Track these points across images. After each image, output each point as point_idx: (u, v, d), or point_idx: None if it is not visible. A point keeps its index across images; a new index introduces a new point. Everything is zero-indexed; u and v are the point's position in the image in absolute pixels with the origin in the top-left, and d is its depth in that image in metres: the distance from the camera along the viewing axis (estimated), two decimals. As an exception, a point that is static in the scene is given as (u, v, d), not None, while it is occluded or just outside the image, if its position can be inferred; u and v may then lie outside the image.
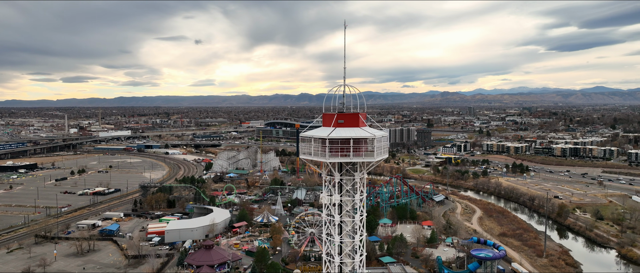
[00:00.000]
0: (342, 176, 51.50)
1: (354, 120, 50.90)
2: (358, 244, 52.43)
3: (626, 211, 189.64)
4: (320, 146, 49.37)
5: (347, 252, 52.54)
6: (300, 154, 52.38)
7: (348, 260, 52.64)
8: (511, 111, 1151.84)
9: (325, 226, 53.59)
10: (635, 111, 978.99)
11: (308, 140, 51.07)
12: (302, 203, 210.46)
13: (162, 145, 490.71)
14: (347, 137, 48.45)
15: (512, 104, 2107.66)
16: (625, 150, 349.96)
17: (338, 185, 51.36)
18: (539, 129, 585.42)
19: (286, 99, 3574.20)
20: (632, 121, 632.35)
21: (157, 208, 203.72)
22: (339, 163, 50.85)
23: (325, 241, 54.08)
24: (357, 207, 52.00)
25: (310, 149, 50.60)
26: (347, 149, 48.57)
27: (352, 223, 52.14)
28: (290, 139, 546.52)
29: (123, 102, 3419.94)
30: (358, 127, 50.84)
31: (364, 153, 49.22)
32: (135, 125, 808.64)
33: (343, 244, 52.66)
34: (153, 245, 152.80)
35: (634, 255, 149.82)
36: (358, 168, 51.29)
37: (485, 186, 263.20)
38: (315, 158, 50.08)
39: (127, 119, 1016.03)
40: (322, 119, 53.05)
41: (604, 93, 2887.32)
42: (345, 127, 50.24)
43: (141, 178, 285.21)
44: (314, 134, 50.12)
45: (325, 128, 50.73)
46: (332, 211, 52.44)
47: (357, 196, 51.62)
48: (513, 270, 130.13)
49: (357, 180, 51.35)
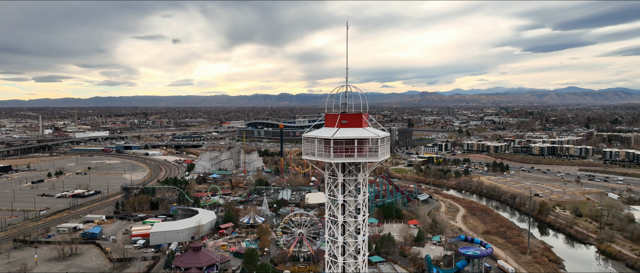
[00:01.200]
0: (344, 176, 51.48)
1: (357, 120, 50.98)
2: (361, 244, 52.52)
3: (603, 208, 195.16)
4: (324, 147, 49.27)
5: (350, 252, 52.55)
6: (303, 155, 52.19)
7: (351, 260, 52.66)
8: (489, 110, 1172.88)
9: (328, 226, 53.47)
10: (607, 111, 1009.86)
11: (311, 140, 50.91)
12: (288, 203, 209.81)
13: (141, 146, 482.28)
14: (352, 137, 48.50)
15: (489, 104, 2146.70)
16: (600, 149, 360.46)
17: (341, 185, 51.30)
18: (517, 128, 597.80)
19: (266, 99, 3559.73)
20: (604, 121, 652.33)
21: (140, 210, 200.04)
22: (342, 164, 50.81)
23: (328, 242, 53.94)
24: (360, 207, 52.09)
25: (313, 149, 50.45)
26: (351, 150, 48.59)
27: (355, 224, 52.18)
28: (272, 139, 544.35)
29: (99, 102, 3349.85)
30: (361, 127, 50.93)
31: (368, 153, 49.30)
32: (113, 126, 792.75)
33: (346, 244, 52.63)
34: (138, 248, 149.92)
35: (613, 250, 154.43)
36: (361, 168, 51.38)
37: (468, 184, 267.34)
38: (319, 159, 49.96)
39: (104, 119, 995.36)
40: (325, 120, 52.95)
41: (576, 93, 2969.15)
42: (348, 127, 50.25)
43: (122, 180, 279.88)
44: (317, 135, 50.00)
45: (329, 129, 50.66)
46: (335, 211, 52.38)
47: (360, 196, 51.71)
48: (499, 267, 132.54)
49: (360, 180, 51.44)
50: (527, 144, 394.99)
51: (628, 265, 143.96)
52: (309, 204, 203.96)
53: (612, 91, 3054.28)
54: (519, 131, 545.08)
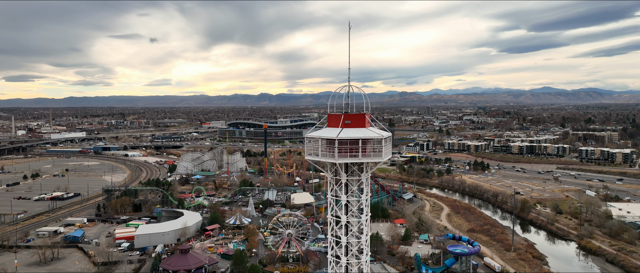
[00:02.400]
0: (347, 176, 51.49)
1: (360, 121, 51.04)
2: (364, 244, 52.63)
3: (582, 205, 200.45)
4: (328, 147, 49.17)
5: (353, 253, 52.61)
6: (306, 155, 51.98)
7: (354, 260, 52.72)
8: (467, 110, 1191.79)
9: (330, 227, 53.40)
10: (580, 111, 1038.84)
11: (314, 141, 50.74)
12: (273, 204, 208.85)
13: (120, 147, 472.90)
14: (356, 138, 48.53)
15: (467, 103, 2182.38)
16: (576, 147, 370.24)
17: (345, 185, 51.30)
18: (495, 128, 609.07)
19: (246, 99, 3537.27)
20: (579, 120, 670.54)
21: (122, 213, 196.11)
22: (345, 164, 50.80)
23: (331, 242, 53.86)
24: (363, 207, 52.18)
25: (317, 150, 50.28)
26: (355, 150, 48.62)
27: (358, 224, 52.25)
28: (254, 139, 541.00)
29: (74, 102, 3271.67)
30: (364, 127, 50.99)
31: (373, 153, 49.43)
32: (90, 126, 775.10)
33: (349, 244, 52.65)
34: (122, 251, 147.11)
35: (593, 246, 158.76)
36: (364, 168, 51.47)
37: (450, 183, 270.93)
38: (322, 159, 49.84)
39: (80, 120, 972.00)
40: (327, 120, 52.83)
41: (550, 93, 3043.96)
42: (351, 128, 50.26)
43: (101, 182, 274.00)
44: (321, 135, 49.88)
45: (332, 129, 50.57)
46: (337, 211, 52.35)
47: (363, 196, 51.80)
48: (485, 265, 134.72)
49: (363, 180, 51.53)
50: (506, 143, 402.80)
51: (608, 260, 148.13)
52: (294, 204, 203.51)
53: (584, 91, 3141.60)
54: (498, 131, 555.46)
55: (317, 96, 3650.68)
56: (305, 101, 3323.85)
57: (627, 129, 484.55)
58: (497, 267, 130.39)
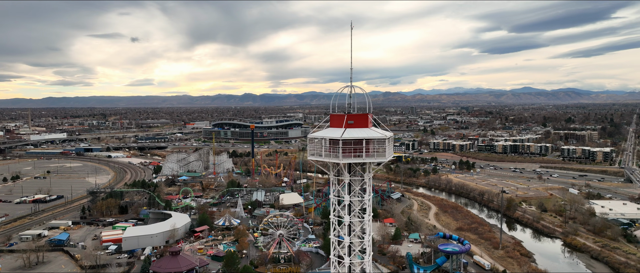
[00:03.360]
0: (350, 176, 51.50)
1: (363, 121, 51.11)
2: (367, 244, 52.70)
3: (566, 203, 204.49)
4: (332, 147, 49.11)
5: (356, 252, 52.61)
6: (309, 156, 51.80)
7: (357, 260, 52.75)
8: (450, 110, 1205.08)
9: (333, 227, 53.34)
10: (560, 110, 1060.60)
11: (318, 141, 50.62)
12: (262, 204, 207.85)
13: (103, 148, 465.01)
14: (360, 138, 48.58)
15: (449, 103, 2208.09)
16: (558, 146, 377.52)
17: (348, 185, 51.31)
18: (479, 127, 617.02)
19: (229, 100, 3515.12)
20: (559, 120, 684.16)
21: (108, 215, 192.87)
22: (348, 164, 50.80)
23: (333, 242, 53.80)
24: (366, 207, 52.24)
25: (320, 150, 50.18)
26: (359, 150, 48.67)
27: (360, 224, 52.30)
28: (239, 140, 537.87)
29: (53, 103, 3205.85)
30: (367, 127, 51.08)
31: (376, 153, 49.54)
32: (70, 127, 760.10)
33: (352, 244, 52.67)
34: (110, 253, 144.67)
35: (578, 243, 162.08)
36: (367, 168, 51.55)
37: (437, 183, 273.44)
38: (326, 159, 49.75)
39: (60, 121, 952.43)
40: (330, 120, 52.77)
41: (531, 93, 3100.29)
42: (355, 128, 50.28)
43: (84, 184, 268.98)
44: (325, 135, 49.79)
45: (335, 129, 50.53)
46: (340, 212, 52.33)
47: (366, 196, 51.87)
48: (475, 263, 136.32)
49: (366, 180, 51.60)
50: (490, 142, 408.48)
51: (592, 256, 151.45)
52: (283, 205, 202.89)
53: (564, 91, 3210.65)
54: (481, 130, 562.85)
55: (301, 96, 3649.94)
56: (290, 101, 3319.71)
57: (606, 129, 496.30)
58: (486, 265, 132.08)
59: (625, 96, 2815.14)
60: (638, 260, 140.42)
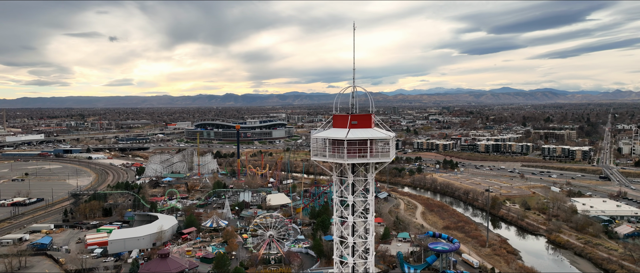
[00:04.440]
0: (353, 177, 51.49)
1: (366, 121, 51.16)
2: (371, 244, 52.78)
3: (549, 201, 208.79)
4: (337, 147, 49.01)
5: (360, 253, 52.64)
6: (312, 156, 51.59)
7: (360, 261, 52.78)
8: (432, 110, 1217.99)
9: (337, 228, 53.26)
10: (538, 110, 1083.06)
11: (321, 141, 50.46)
12: (249, 205, 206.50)
13: (83, 149, 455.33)
14: (365, 138, 48.61)
15: (430, 103, 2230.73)
16: (538, 145, 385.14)
17: (351, 185, 51.29)
18: (461, 127, 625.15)
19: (211, 100, 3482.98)
20: (538, 119, 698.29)
21: (92, 217, 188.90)
22: (351, 164, 50.78)
23: (337, 243, 53.70)
24: (368, 207, 52.31)
25: (324, 151, 50.02)
26: (364, 150, 48.69)
27: (364, 224, 52.34)
28: (223, 140, 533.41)
29: (28, 103, 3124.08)
30: (370, 128, 51.16)
31: (381, 153, 49.65)
32: (47, 128, 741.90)
33: (355, 245, 52.65)
34: (95, 257, 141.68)
35: (561, 240, 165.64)
36: (370, 168, 51.62)
37: (422, 182, 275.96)
38: (330, 160, 49.62)
39: (36, 121, 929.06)
40: (333, 120, 52.65)
41: (509, 93, 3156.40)
42: (358, 128, 50.29)
43: (65, 186, 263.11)
44: (329, 136, 49.67)
45: (340, 129, 50.42)
46: (344, 212, 52.29)
47: (369, 196, 51.95)
48: (464, 261, 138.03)
49: (369, 180, 51.66)
50: (473, 142, 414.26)
51: (576, 253, 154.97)
52: (271, 205, 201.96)
53: (541, 91, 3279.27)
54: (463, 130, 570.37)
55: (284, 96, 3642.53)
56: (272, 102, 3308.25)
57: (584, 128, 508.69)
58: (475, 263, 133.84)
59: (599, 96, 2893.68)
60: (620, 256, 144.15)
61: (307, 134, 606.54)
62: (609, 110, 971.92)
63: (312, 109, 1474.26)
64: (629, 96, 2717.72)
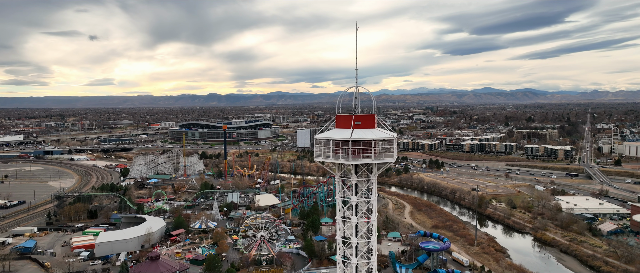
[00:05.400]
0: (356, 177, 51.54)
1: (370, 122, 51.28)
2: (373, 244, 52.90)
3: (534, 200, 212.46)
4: (341, 148, 48.98)
5: (363, 253, 52.73)
6: (316, 157, 51.46)
7: (363, 261, 52.86)
8: (416, 110, 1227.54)
9: (339, 228, 53.25)
10: (519, 110, 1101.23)
11: (325, 142, 50.37)
12: (238, 206, 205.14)
13: (64, 150, 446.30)
14: (369, 138, 48.69)
15: (414, 104, 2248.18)
16: (522, 145, 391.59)
17: (355, 186, 51.34)
18: (445, 127, 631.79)
19: (194, 100, 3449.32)
20: (520, 119, 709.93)
21: (77, 220, 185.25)
22: (355, 165, 50.82)
23: (339, 243, 53.68)
24: (371, 208, 52.42)
25: (328, 151, 49.94)
26: (368, 151, 48.76)
27: (367, 224, 52.44)
28: (208, 141, 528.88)
29: (5, 103, 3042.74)
30: (373, 128, 51.27)
31: (384, 153, 49.78)
32: (26, 129, 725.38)
33: (358, 245, 52.72)
34: (82, 260, 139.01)
35: (547, 238, 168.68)
36: (373, 169, 51.74)
37: (409, 181, 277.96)
38: (334, 160, 49.58)
39: (14, 122, 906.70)
40: (336, 121, 52.62)
41: (491, 94, 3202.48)
42: (362, 128, 50.36)
43: (47, 188, 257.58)
44: (333, 136, 49.62)
45: (343, 130, 50.43)
46: (347, 213, 52.31)
47: (373, 196, 52.07)
48: (454, 259, 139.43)
49: (373, 180, 51.77)
50: (458, 141, 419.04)
51: (562, 250, 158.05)
52: (260, 206, 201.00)
53: (521, 91, 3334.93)
54: (448, 130, 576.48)
55: (268, 96, 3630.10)
56: (256, 102, 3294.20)
57: (565, 128, 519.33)
58: (465, 262, 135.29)
59: (578, 96, 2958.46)
60: (604, 252, 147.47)
61: (293, 134, 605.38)
62: (587, 110, 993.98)
63: (296, 109, 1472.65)
64: (606, 96, 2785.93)
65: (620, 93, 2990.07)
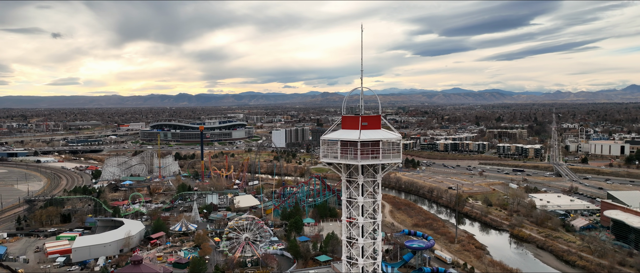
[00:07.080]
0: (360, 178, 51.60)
1: (376, 122, 51.47)
2: (379, 244, 53.08)
3: (509, 197, 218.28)
4: (348, 149, 48.93)
5: (368, 254, 52.84)
6: (321, 157, 51.25)
7: (369, 261, 52.97)
8: (388, 110, 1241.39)
9: (346, 229, 53.18)
10: (488, 110, 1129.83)
11: (333, 143, 50.23)
12: (217, 208, 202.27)
13: (30, 152, 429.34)
14: (377, 139, 48.84)
15: (385, 104, 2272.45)
16: (494, 144, 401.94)
17: (361, 186, 51.38)
18: (418, 126, 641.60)
19: (164, 100, 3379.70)
20: (490, 119, 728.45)
21: (49, 224, 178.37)
22: (361, 165, 50.88)
23: (346, 245, 53.62)
24: (376, 208, 52.61)
25: (335, 152, 49.81)
26: (375, 152, 48.90)
27: (373, 225, 52.58)
28: (181, 142, 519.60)
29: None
30: (379, 129, 51.48)
31: (391, 154, 50.04)
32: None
33: (364, 245, 52.81)
34: (59, 266, 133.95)
35: (524, 234, 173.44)
36: (379, 169, 51.91)
37: (387, 181, 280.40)
38: (343, 161, 49.47)
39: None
40: (342, 122, 52.57)
41: (460, 94, 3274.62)
42: (368, 129, 50.48)
43: (14, 191, 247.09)
44: (340, 137, 49.53)
45: (351, 131, 50.42)
46: (353, 213, 52.30)
47: (378, 196, 52.23)
48: (437, 257, 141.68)
49: (378, 181, 51.94)
50: (432, 141, 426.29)
51: (538, 246, 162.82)
52: (240, 207, 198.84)
53: (489, 92, 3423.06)
54: (421, 129, 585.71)
55: (239, 96, 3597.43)
56: (227, 102, 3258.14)
57: (533, 127, 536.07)
58: (448, 259, 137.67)
59: (542, 97, 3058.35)
60: (578, 247, 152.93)
61: (268, 134, 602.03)
62: (552, 110, 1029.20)
63: (269, 109, 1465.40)
64: (568, 97, 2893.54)
65: (581, 94, 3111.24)
